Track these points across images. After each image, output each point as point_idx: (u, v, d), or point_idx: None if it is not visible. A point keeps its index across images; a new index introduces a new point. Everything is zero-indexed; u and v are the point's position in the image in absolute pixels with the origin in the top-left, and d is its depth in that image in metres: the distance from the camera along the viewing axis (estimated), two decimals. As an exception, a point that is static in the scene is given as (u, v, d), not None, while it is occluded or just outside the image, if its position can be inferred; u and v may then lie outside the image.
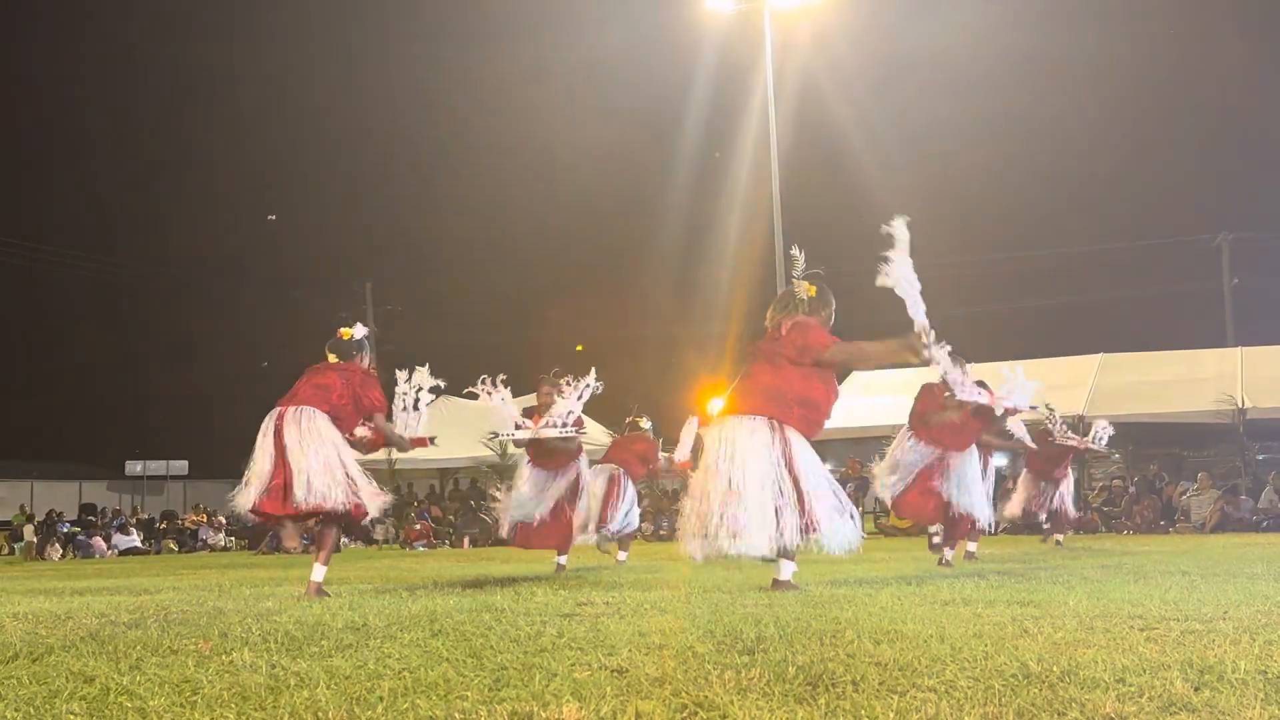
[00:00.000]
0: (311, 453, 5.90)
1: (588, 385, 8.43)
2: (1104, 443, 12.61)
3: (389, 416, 6.68)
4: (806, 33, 25.35)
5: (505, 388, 8.45)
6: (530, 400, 8.88)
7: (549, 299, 44.30)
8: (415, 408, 7.09)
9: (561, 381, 8.47)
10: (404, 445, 6.89)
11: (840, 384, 6.06)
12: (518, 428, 8.32)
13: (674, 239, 35.60)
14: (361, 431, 6.45)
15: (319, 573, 6.08)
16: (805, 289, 5.76)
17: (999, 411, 8.07)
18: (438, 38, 50.93)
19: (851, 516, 5.52)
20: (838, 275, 6.24)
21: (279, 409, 6.08)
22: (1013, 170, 40.62)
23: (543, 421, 8.25)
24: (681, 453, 11.90)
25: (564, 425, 8.20)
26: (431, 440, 7.24)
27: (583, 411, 8.39)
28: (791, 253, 6.01)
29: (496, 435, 8.61)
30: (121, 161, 52.88)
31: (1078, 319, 36.51)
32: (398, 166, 52.80)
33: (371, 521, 7.09)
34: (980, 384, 8.13)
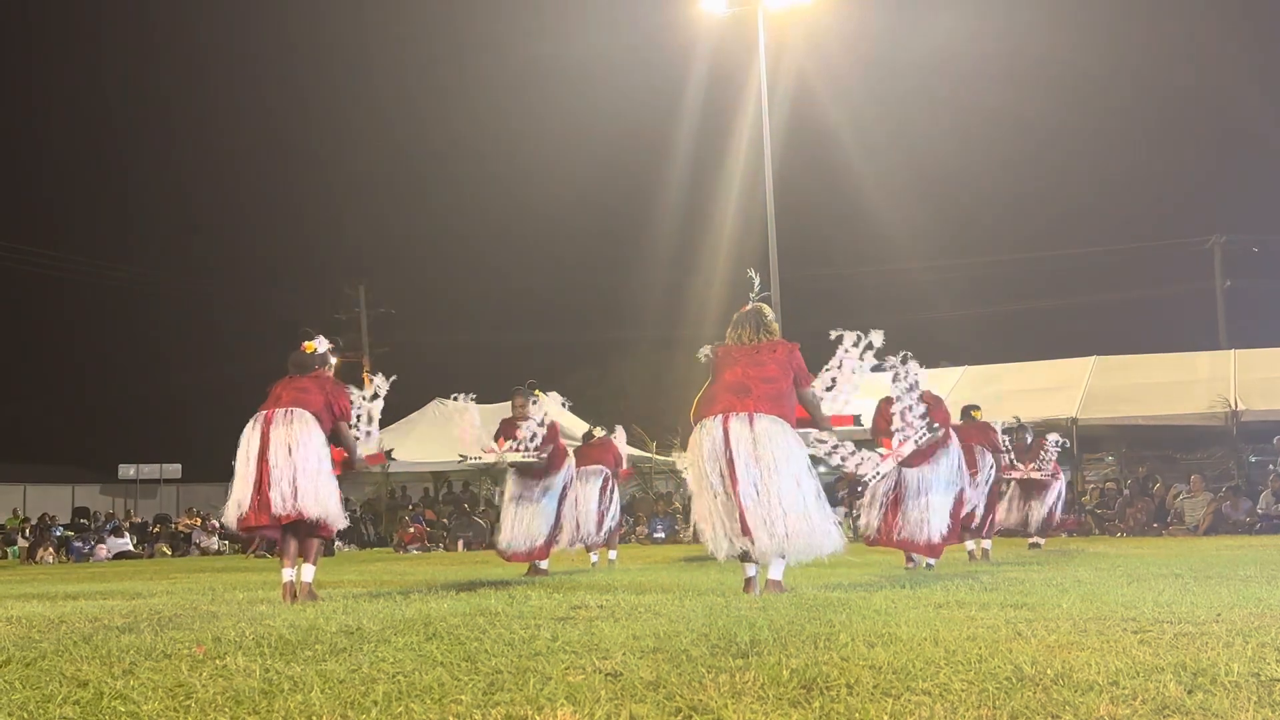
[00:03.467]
0: (298, 457, 5.95)
1: (545, 414, 8.65)
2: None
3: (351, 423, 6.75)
4: (800, 34, 25.40)
5: (475, 409, 8.61)
6: (505, 409, 8.96)
7: (543, 301, 44.35)
8: (370, 421, 7.15)
9: (533, 396, 8.62)
10: (359, 462, 6.91)
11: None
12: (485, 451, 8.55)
13: (668, 240, 35.66)
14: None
15: (308, 573, 6.15)
16: (770, 311, 6.09)
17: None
18: (433, 40, 50.94)
19: None
20: (830, 274, 6.37)
21: (264, 412, 6.10)
22: (1005, 173, 40.78)
23: (506, 445, 8.39)
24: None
25: (526, 449, 8.33)
26: (388, 454, 7.32)
27: (571, 413, 8.51)
28: (749, 274, 6.20)
29: (465, 458, 8.73)
30: (114, 165, 52.80)
31: (1071, 321, 36.61)
32: (391, 169, 52.82)
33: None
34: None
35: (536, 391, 8.80)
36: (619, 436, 11.78)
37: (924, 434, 7.41)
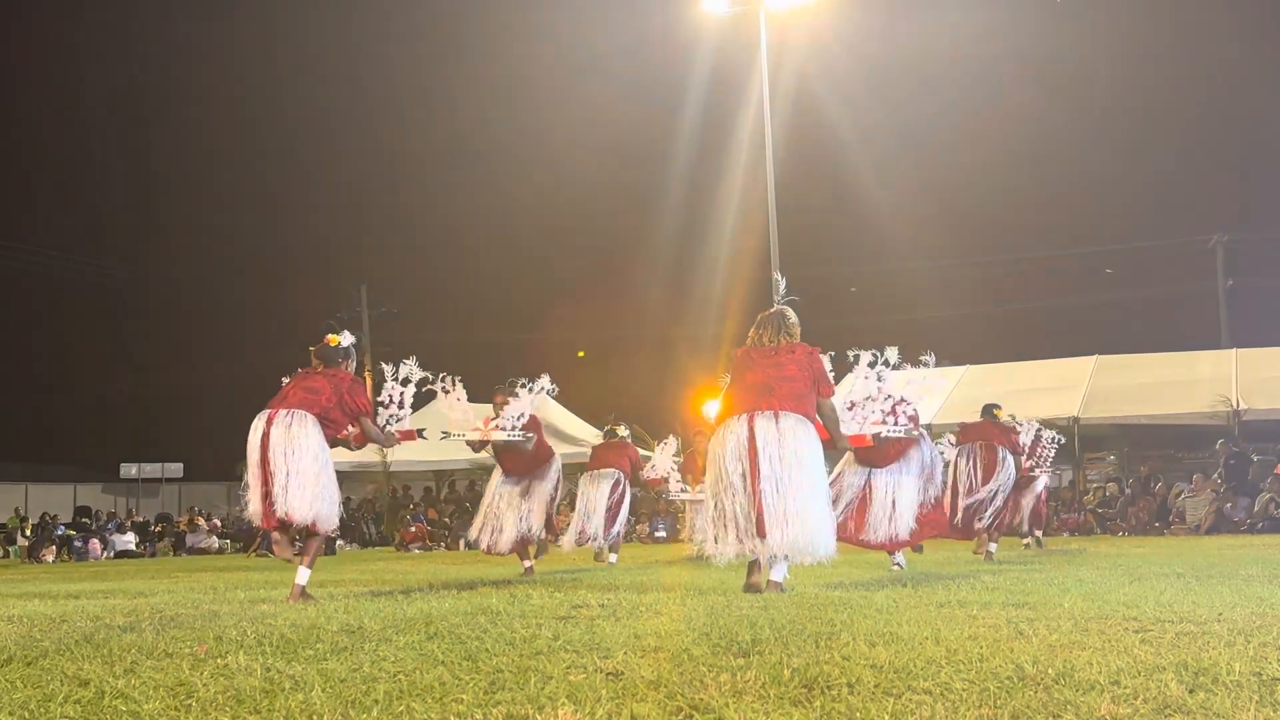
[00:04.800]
0: (292, 461, 5.95)
1: (542, 389, 8.56)
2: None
3: (374, 415, 6.74)
4: (802, 34, 25.39)
5: (462, 388, 8.54)
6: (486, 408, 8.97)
7: (544, 300, 44.38)
8: (400, 405, 7.14)
9: (515, 388, 8.58)
10: (390, 441, 6.90)
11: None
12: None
13: (669, 240, 35.67)
14: (351, 429, 6.55)
15: (303, 575, 6.13)
16: (783, 312, 6.07)
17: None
18: (434, 39, 50.96)
19: None
20: (831, 274, 6.42)
21: (268, 411, 6.11)
22: (1007, 172, 40.71)
23: (492, 423, 8.35)
24: (656, 471, 12.05)
25: (512, 428, 8.30)
26: (420, 433, 7.29)
27: (578, 416, 8.51)
28: (775, 277, 6.22)
29: (447, 435, 8.69)
30: (116, 164, 52.84)
31: (1073, 320, 36.58)
32: (393, 168, 52.81)
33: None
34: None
35: (518, 389, 8.81)
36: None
37: (897, 429, 7.39)
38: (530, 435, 8.42)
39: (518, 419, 8.38)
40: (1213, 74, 42.18)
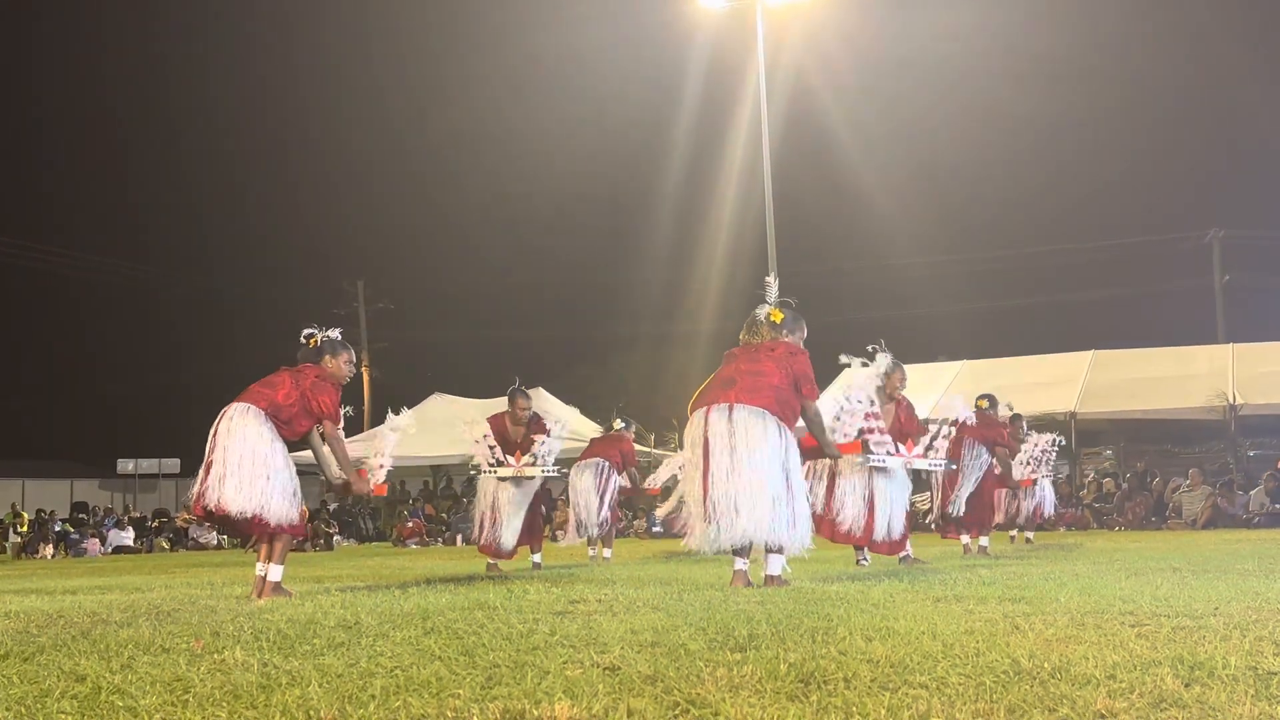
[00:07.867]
0: (230, 453, 5.78)
1: (561, 424, 8.79)
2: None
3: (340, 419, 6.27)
4: (799, 30, 25.39)
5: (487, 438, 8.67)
6: (499, 404, 9.01)
7: (541, 296, 44.37)
8: (383, 457, 6.99)
9: (527, 412, 8.70)
10: (363, 485, 6.51)
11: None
12: (499, 463, 8.58)
13: (666, 235, 35.69)
14: (336, 472, 6.29)
15: (275, 573, 5.96)
16: (770, 313, 6.03)
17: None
18: (431, 34, 50.91)
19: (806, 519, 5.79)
20: (828, 269, 6.43)
21: (228, 406, 6.02)
22: (1004, 168, 40.77)
23: (525, 459, 8.51)
24: (655, 481, 12.18)
25: (546, 466, 8.53)
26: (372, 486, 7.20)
27: (574, 408, 8.62)
28: (766, 280, 6.24)
29: (478, 470, 8.80)
30: (112, 161, 52.78)
31: (1069, 316, 36.64)
32: (390, 164, 52.79)
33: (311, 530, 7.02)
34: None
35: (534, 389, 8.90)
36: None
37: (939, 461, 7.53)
38: (564, 471, 8.58)
39: (547, 455, 8.50)
40: (1210, 70, 42.23)
